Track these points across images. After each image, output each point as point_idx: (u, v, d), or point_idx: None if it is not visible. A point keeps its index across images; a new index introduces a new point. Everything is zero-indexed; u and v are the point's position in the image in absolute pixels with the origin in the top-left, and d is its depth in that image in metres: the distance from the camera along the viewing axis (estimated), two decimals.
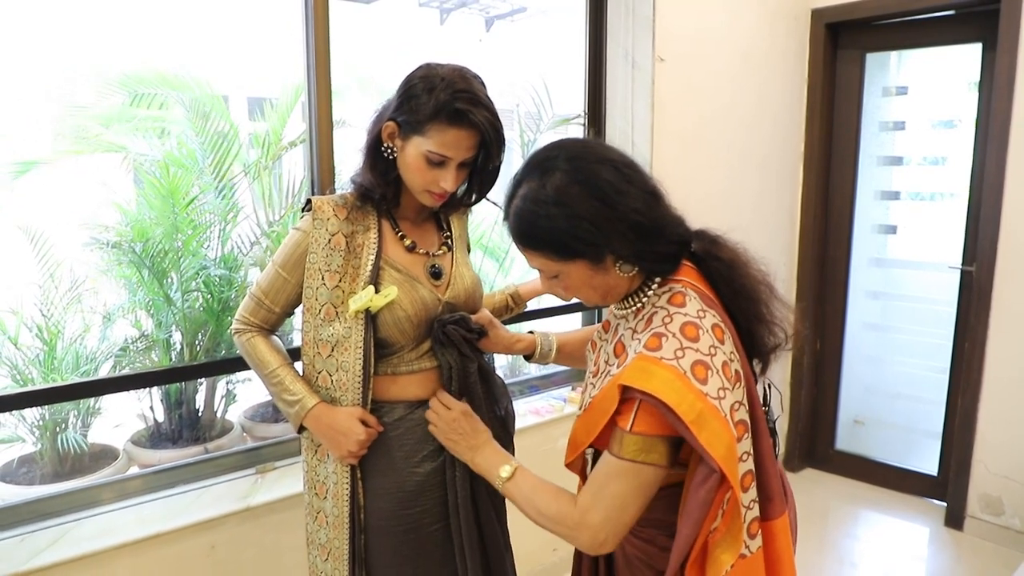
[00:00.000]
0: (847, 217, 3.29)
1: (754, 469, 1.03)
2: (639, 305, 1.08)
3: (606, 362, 1.14)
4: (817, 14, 3.16)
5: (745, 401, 1.02)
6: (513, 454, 1.44)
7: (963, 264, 2.92)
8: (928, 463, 3.15)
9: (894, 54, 3.24)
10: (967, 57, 2.93)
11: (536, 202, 1.02)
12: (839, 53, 3.23)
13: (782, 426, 3.45)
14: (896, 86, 3.29)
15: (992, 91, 2.68)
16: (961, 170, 2.95)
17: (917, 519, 3.03)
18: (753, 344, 1.11)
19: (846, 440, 3.45)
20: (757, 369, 1.16)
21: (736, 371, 1.01)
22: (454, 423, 1.27)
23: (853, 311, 3.38)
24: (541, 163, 1.05)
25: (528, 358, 1.47)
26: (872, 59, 3.19)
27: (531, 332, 1.48)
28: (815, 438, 3.49)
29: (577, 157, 1.03)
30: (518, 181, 1.07)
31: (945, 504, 2.97)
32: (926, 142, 3.35)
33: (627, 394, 0.98)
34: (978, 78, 2.86)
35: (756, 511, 1.03)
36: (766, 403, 1.18)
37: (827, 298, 3.39)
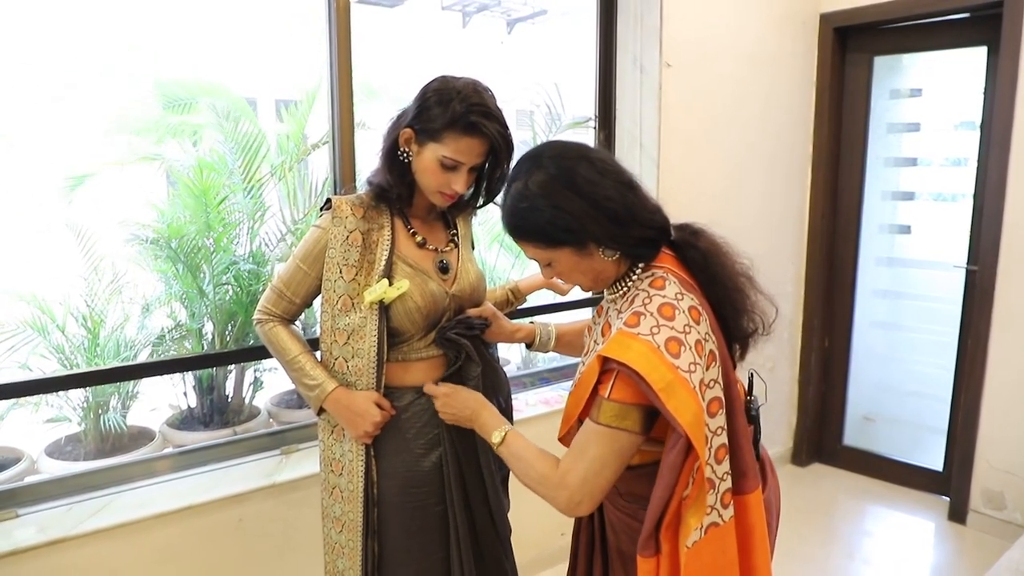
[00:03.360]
0: (855, 217, 3.34)
1: (727, 444, 1.12)
2: (625, 289, 1.19)
3: (595, 342, 1.24)
4: (825, 19, 3.22)
5: (721, 380, 1.11)
6: None
7: (968, 263, 2.96)
8: (934, 459, 3.19)
9: (906, 57, 3.28)
10: (981, 59, 2.94)
11: (523, 198, 1.14)
12: (847, 56, 3.28)
13: (790, 421, 3.51)
14: (910, 88, 3.32)
15: (995, 94, 2.72)
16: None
17: (922, 514, 3.07)
18: (729, 329, 1.21)
19: (854, 436, 3.50)
20: (737, 354, 1.25)
21: (711, 351, 1.10)
22: (447, 402, 1.39)
23: (861, 309, 3.42)
24: (527, 163, 1.17)
25: (529, 346, 1.59)
26: (880, 62, 3.23)
27: (531, 322, 1.59)
28: (823, 433, 3.54)
29: (558, 156, 1.16)
30: (509, 181, 1.20)
31: (949, 499, 3.02)
32: (946, 143, 3.36)
33: (607, 365, 1.09)
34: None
35: (729, 483, 1.12)
36: (750, 391, 1.27)
37: (835, 296, 3.44)
